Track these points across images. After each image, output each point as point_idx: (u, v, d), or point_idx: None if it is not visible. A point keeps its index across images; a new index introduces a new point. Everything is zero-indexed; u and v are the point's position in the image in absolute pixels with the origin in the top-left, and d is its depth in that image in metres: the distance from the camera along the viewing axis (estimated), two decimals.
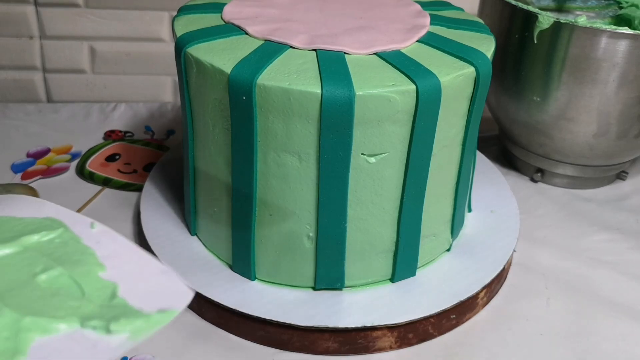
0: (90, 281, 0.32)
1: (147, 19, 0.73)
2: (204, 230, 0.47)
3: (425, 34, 0.44)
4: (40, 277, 0.31)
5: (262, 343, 0.42)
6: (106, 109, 0.72)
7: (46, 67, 0.75)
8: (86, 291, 0.31)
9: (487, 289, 0.46)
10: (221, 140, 0.41)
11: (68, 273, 0.31)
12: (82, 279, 0.32)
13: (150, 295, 0.32)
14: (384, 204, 0.41)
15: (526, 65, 0.56)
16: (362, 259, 0.43)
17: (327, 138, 0.38)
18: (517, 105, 0.58)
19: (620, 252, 0.53)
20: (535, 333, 0.45)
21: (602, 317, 0.46)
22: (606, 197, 0.61)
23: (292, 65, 0.38)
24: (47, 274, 0.31)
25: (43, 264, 0.32)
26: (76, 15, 0.72)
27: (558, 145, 0.58)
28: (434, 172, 0.42)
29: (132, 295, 0.32)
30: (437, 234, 0.46)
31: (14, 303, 0.29)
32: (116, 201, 0.56)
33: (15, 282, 0.30)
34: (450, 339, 0.44)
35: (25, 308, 0.29)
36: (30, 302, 0.29)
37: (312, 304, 0.42)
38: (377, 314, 0.42)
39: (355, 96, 0.36)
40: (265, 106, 0.38)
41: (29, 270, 0.31)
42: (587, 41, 0.51)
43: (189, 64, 0.41)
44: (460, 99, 0.41)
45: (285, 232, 0.42)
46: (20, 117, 0.69)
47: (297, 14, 0.45)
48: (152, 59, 0.76)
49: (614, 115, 0.54)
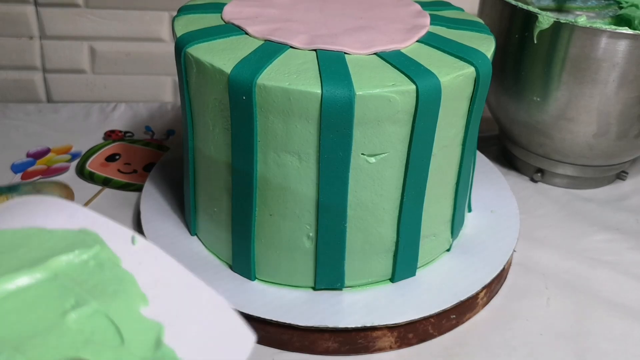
0: (130, 321, 0.27)
1: (147, 19, 0.73)
2: (204, 230, 0.47)
3: (425, 34, 0.44)
4: (70, 315, 0.26)
5: (262, 343, 0.42)
6: (106, 109, 0.72)
7: (46, 67, 0.75)
8: (125, 337, 0.26)
9: (487, 289, 0.46)
10: (221, 140, 0.41)
11: (104, 310, 0.26)
12: (120, 318, 0.26)
13: (203, 342, 0.27)
14: (384, 204, 0.41)
15: (526, 65, 0.56)
16: (362, 259, 0.43)
17: (327, 138, 0.38)
18: (517, 105, 0.58)
19: (620, 252, 0.53)
20: (535, 333, 0.45)
21: (602, 317, 0.46)
22: (606, 197, 0.61)
23: (292, 65, 0.38)
24: (78, 312, 0.26)
25: (75, 296, 0.26)
26: (76, 15, 0.72)
27: (558, 145, 0.58)
28: (434, 172, 0.42)
29: (181, 343, 0.26)
30: (437, 234, 0.46)
31: (35, 355, 0.24)
32: (116, 201, 0.56)
33: (41, 324, 0.25)
34: (450, 339, 0.44)
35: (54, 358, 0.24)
36: (56, 354, 0.24)
37: (312, 304, 0.42)
38: (377, 314, 0.42)
39: (355, 96, 0.36)
40: (265, 106, 0.38)
41: (58, 306, 0.26)
42: (587, 41, 0.51)
43: (189, 64, 0.41)
44: (460, 99, 0.41)
45: (285, 232, 0.42)
46: (20, 117, 0.69)
47: (297, 14, 0.45)
48: (152, 59, 0.76)
49: (614, 115, 0.54)
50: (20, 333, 0.24)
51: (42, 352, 0.24)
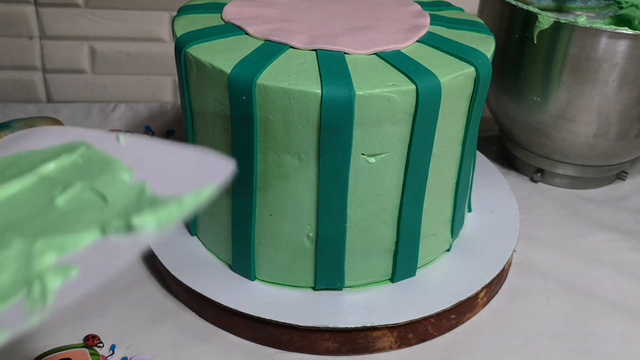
0: (114, 188, 0.28)
1: (147, 19, 0.73)
2: (204, 230, 0.47)
3: (425, 34, 0.44)
4: (58, 199, 0.27)
5: (262, 343, 0.42)
6: (106, 109, 0.72)
7: (46, 67, 0.75)
8: (109, 198, 0.27)
9: (487, 289, 0.46)
10: (221, 140, 0.41)
11: (89, 186, 0.28)
12: (105, 188, 0.28)
13: (183, 182, 0.28)
14: (384, 204, 0.41)
15: (526, 65, 0.56)
16: (362, 259, 0.43)
17: (327, 138, 0.38)
18: (517, 105, 0.58)
19: (620, 252, 0.53)
20: (535, 333, 0.45)
21: (602, 317, 0.46)
22: (606, 197, 0.61)
23: (292, 65, 0.38)
24: (65, 195, 0.27)
25: (62, 185, 0.28)
26: (76, 15, 0.72)
27: (558, 145, 0.58)
28: (434, 172, 0.42)
29: (163, 189, 0.27)
30: (437, 234, 0.46)
31: (26, 232, 0.26)
32: None
33: (32, 212, 0.27)
34: (450, 339, 0.44)
35: (38, 233, 0.25)
36: (45, 226, 0.26)
37: (312, 304, 0.42)
38: (377, 314, 0.42)
39: (355, 96, 0.36)
40: (265, 106, 0.38)
41: (47, 197, 0.28)
42: (587, 41, 0.51)
43: (189, 64, 0.41)
44: (460, 99, 0.41)
45: (285, 232, 0.42)
46: (20, 117, 0.69)
47: (297, 14, 0.45)
48: (152, 59, 0.76)
49: (614, 115, 0.54)
50: (11, 221, 0.26)
51: (31, 228, 0.25)
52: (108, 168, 0.29)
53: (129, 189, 0.28)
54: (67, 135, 0.31)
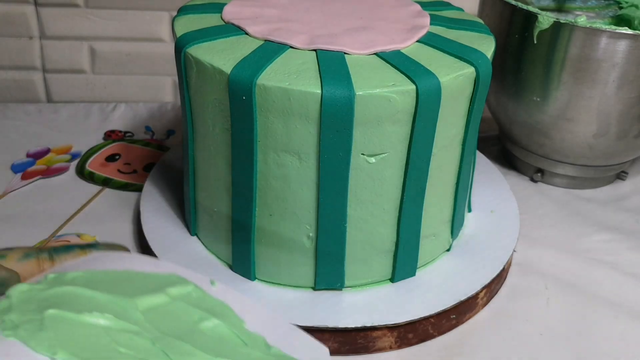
0: (243, 332, 0.33)
1: (147, 19, 0.73)
2: (204, 230, 0.47)
3: (425, 34, 0.44)
4: (202, 325, 0.32)
5: None
6: (106, 109, 0.72)
7: (46, 67, 0.75)
8: (246, 341, 0.32)
9: (487, 289, 0.46)
10: (221, 140, 0.41)
11: (223, 323, 0.32)
12: (236, 330, 0.33)
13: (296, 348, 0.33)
14: (384, 204, 0.41)
15: (526, 65, 0.56)
16: (362, 259, 0.43)
17: (327, 138, 0.38)
18: (517, 105, 0.58)
19: (620, 252, 0.53)
20: (535, 333, 0.45)
21: (602, 317, 0.46)
22: (606, 197, 0.61)
23: (292, 65, 0.38)
24: (206, 323, 0.32)
25: (198, 314, 0.32)
26: (76, 15, 0.72)
27: (558, 145, 0.58)
28: (434, 172, 0.42)
29: (282, 346, 0.33)
30: (437, 234, 0.46)
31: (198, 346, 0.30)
32: (116, 201, 0.56)
33: (181, 329, 0.31)
34: (450, 339, 0.44)
35: (212, 351, 0.30)
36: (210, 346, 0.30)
37: (312, 304, 0.42)
38: (377, 314, 0.42)
39: (355, 96, 0.36)
40: (265, 106, 0.38)
41: (188, 319, 0.32)
42: (587, 41, 0.51)
43: (189, 64, 0.41)
44: (460, 99, 0.41)
45: (285, 232, 0.42)
46: (20, 117, 0.69)
47: (297, 14, 0.45)
48: (152, 59, 0.76)
49: (614, 115, 0.54)
50: (173, 332, 0.31)
51: (195, 343, 0.30)
52: (226, 313, 0.34)
53: (254, 337, 0.33)
54: (161, 266, 0.36)
